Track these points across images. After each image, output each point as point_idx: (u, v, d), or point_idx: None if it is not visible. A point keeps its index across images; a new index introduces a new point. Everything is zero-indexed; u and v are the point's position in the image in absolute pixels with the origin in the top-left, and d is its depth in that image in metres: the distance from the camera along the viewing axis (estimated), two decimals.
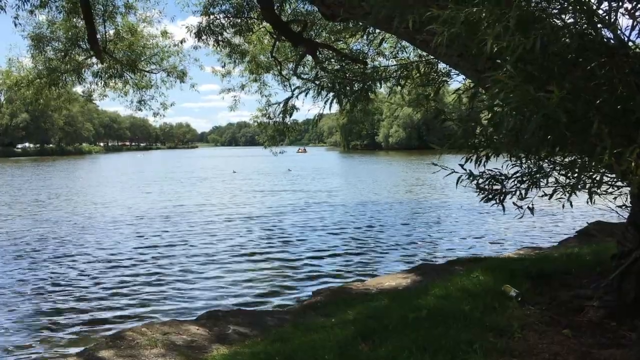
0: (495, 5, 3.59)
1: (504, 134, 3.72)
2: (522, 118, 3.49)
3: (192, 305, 9.67)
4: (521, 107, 3.37)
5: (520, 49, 3.24)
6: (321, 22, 16.43)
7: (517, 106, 3.37)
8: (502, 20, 3.39)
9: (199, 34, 15.38)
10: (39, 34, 17.29)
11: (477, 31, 3.58)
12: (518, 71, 3.46)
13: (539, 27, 3.40)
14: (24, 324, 8.86)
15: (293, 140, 24.47)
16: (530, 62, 3.60)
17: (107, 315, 9.27)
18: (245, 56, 19.45)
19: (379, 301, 6.51)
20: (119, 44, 17.74)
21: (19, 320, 9.03)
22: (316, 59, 16.46)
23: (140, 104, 20.39)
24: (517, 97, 3.23)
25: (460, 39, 3.62)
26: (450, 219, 19.88)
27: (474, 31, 3.57)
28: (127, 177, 50.42)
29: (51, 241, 16.31)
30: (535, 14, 3.69)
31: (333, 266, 12.71)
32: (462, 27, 3.50)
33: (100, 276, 11.99)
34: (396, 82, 5.60)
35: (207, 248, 15.05)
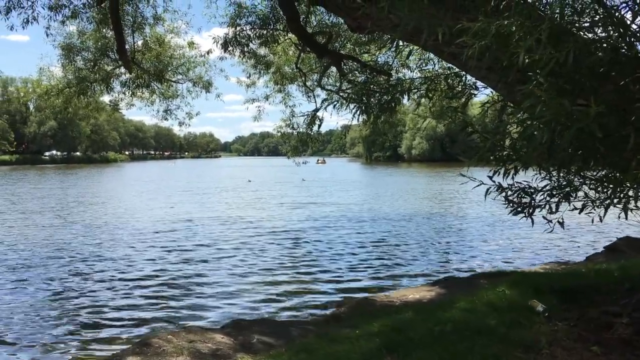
0: (526, 18, 3.59)
1: (535, 148, 3.69)
2: (554, 132, 3.46)
3: (215, 314, 9.70)
4: (553, 121, 3.35)
5: (552, 62, 3.22)
6: (346, 34, 16.51)
7: (549, 120, 3.35)
8: (533, 34, 3.38)
9: (225, 45, 15.54)
10: (69, 44, 17.65)
11: (508, 44, 3.58)
12: (549, 85, 3.44)
13: (571, 40, 3.37)
14: (50, 329, 8.95)
15: (315, 150, 24.56)
16: (561, 76, 3.58)
17: (132, 322, 9.33)
18: (270, 67, 19.61)
19: (404, 314, 6.47)
20: (146, 54, 18.01)
21: (46, 326, 9.12)
22: (341, 70, 16.52)
23: (166, 114, 20.65)
24: (550, 110, 3.21)
25: (491, 51, 3.61)
26: (474, 232, 19.69)
27: (504, 44, 3.56)
28: (154, 185, 50.99)
29: (77, 248, 16.54)
30: (567, 27, 3.67)
31: (356, 278, 12.65)
32: (492, 39, 3.50)
33: (124, 283, 12.09)
34: (424, 94, 5.60)
35: (229, 258, 15.09)
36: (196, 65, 19.81)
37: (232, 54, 16.43)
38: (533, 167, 4.39)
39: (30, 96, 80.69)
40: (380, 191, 41.00)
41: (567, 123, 3.29)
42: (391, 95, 7.92)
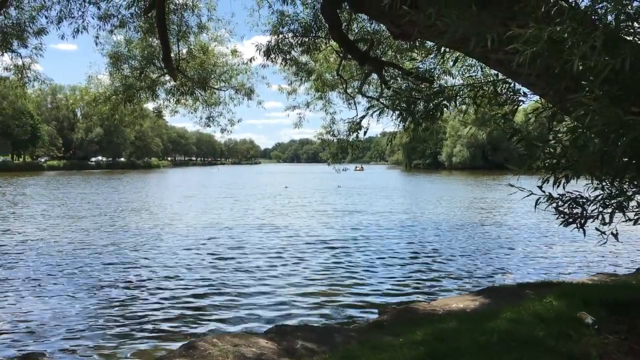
0: (579, 24, 3.52)
1: (587, 156, 3.61)
2: (606, 140, 3.38)
3: (258, 320, 9.78)
4: (606, 130, 3.28)
5: (607, 69, 3.15)
6: (388, 41, 16.48)
7: (602, 129, 3.28)
8: (587, 40, 3.32)
9: (267, 52, 15.69)
10: (116, 52, 18.11)
11: (560, 50, 3.52)
12: (603, 92, 3.37)
13: (627, 46, 3.30)
14: (96, 332, 9.16)
15: (354, 158, 24.54)
16: (615, 83, 3.50)
17: (178, 326, 9.50)
18: (312, 74, 19.71)
19: (447, 323, 6.39)
20: (191, 62, 18.34)
21: (92, 329, 9.34)
22: (382, 77, 16.49)
23: (208, 120, 20.95)
24: (602, 120, 3.14)
25: (542, 58, 3.56)
26: (519, 241, 19.31)
27: (557, 50, 3.51)
28: (196, 190, 51.81)
29: (121, 252, 16.92)
30: (621, 33, 3.59)
31: (397, 285, 12.57)
32: (544, 46, 3.45)
33: (168, 288, 12.32)
34: (472, 101, 5.55)
35: (270, 264, 15.19)
36: (238, 73, 20.05)
37: (274, 62, 16.57)
38: (585, 176, 4.29)
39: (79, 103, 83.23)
40: (420, 199, 40.63)
41: (621, 131, 3.21)
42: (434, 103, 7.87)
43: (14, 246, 17.53)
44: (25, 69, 15.81)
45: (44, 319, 9.82)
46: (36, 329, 9.27)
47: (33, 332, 9.10)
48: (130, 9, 14.53)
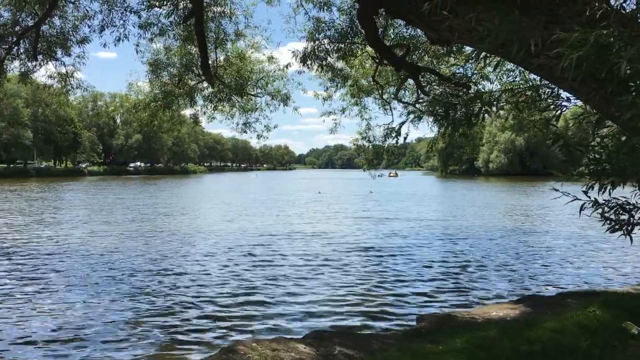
0: (626, 28, 3.45)
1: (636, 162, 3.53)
2: None
3: (296, 325, 9.81)
4: None
5: None
6: (424, 46, 16.38)
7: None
8: (635, 43, 3.24)
9: (304, 59, 15.75)
10: (156, 60, 18.43)
11: (606, 54, 3.45)
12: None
13: None
14: (136, 337, 9.29)
15: (389, 163, 24.42)
16: None
17: (217, 330, 9.60)
18: (347, 80, 19.71)
19: (488, 331, 6.30)
20: (228, 69, 18.54)
21: (131, 333, 9.48)
22: (418, 83, 16.40)
23: (245, 127, 21.08)
24: None
25: (588, 62, 3.49)
26: (560, 249, 18.90)
27: (603, 54, 3.44)
28: (233, 196, 52.39)
29: (159, 257, 17.19)
30: None
31: (434, 293, 12.45)
32: (590, 50, 3.38)
33: (206, 292, 12.45)
34: (514, 106, 5.47)
35: (306, 270, 15.21)
36: (275, 79, 20.18)
37: (310, 68, 16.63)
38: (632, 183, 4.18)
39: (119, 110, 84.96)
40: (457, 205, 40.15)
41: None
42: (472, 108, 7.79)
43: (54, 251, 17.95)
44: (69, 77, 16.18)
45: (83, 324, 9.97)
46: (75, 334, 9.42)
47: (72, 339, 9.24)
48: (170, 18, 14.78)
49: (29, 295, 12.10)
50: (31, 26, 13.62)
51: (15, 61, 15.00)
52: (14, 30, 13.94)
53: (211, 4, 15.79)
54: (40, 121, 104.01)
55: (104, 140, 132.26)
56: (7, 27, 13.87)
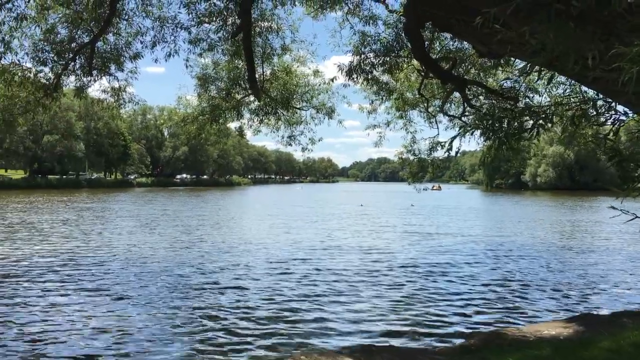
0: None
1: None
2: None
3: (342, 339, 9.77)
4: None
5: None
6: (471, 59, 16.24)
7: None
8: None
9: (350, 72, 15.81)
10: (204, 74, 18.82)
11: None
12: None
13: None
14: (183, 349, 9.39)
15: (433, 177, 24.19)
16: None
17: (263, 343, 9.63)
18: (393, 93, 19.67)
19: (540, 350, 6.14)
20: (274, 83, 18.75)
21: (178, 345, 9.58)
22: (464, 95, 16.24)
23: (290, 139, 21.21)
24: None
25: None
26: (613, 267, 18.28)
27: None
28: (278, 208, 52.80)
29: (204, 269, 17.46)
30: None
31: (482, 309, 12.23)
32: None
33: (253, 304, 12.56)
34: (568, 120, 5.36)
35: (351, 285, 15.16)
36: (320, 93, 20.29)
37: (356, 82, 16.68)
38: None
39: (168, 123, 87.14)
40: (505, 220, 39.34)
41: None
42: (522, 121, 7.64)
43: (102, 261, 18.43)
44: (121, 91, 16.66)
45: (132, 334, 10.12)
46: (124, 344, 9.58)
47: (117, 346, 9.43)
48: (219, 33, 15.10)
49: (78, 303, 12.43)
50: (87, 43, 14.10)
51: (71, 76, 15.54)
52: (71, 46, 14.45)
53: (259, 20, 16.03)
54: (92, 134, 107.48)
55: (152, 152, 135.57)
56: (64, 44, 14.37)
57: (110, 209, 46.07)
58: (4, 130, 76.01)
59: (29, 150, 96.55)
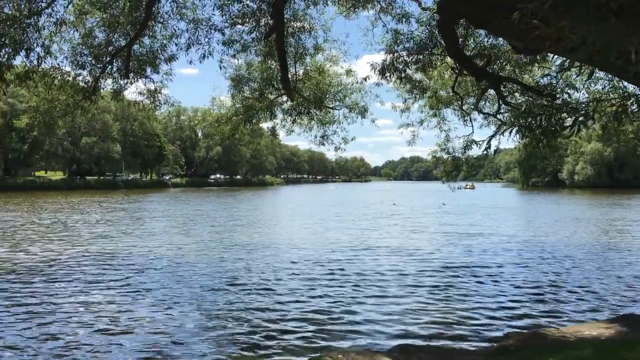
0: None
1: None
2: None
3: (377, 337, 9.77)
4: None
5: None
6: (506, 55, 16.00)
7: None
8: None
9: (383, 71, 15.74)
10: (238, 75, 18.97)
11: None
12: None
13: None
14: (219, 349, 9.46)
15: (467, 175, 23.91)
16: None
17: (297, 340, 9.72)
18: (426, 92, 19.51)
19: (581, 350, 6.02)
20: (307, 82, 18.78)
21: (214, 345, 9.66)
22: (499, 93, 16.01)
23: (323, 139, 21.21)
24: None
25: None
26: None
27: None
28: (313, 208, 52.95)
29: (239, 268, 17.64)
30: None
31: (519, 309, 12.03)
32: None
33: (284, 303, 12.64)
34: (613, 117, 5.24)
35: (387, 284, 15.11)
36: (352, 92, 20.24)
37: (389, 80, 16.60)
38: None
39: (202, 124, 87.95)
40: (542, 219, 38.57)
41: None
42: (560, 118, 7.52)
43: (137, 262, 18.75)
44: (157, 93, 16.89)
45: (165, 333, 10.22)
46: (157, 342, 9.66)
47: (156, 346, 9.52)
48: (252, 34, 15.20)
49: (114, 303, 12.62)
50: (123, 46, 14.34)
51: (108, 79, 15.84)
52: (108, 50, 14.73)
53: (291, 20, 16.09)
54: (129, 135, 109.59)
55: (186, 153, 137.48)
56: (101, 48, 14.65)
57: (146, 209, 46.92)
58: (44, 132, 78.26)
59: (67, 152, 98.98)
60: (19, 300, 12.68)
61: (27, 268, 16.86)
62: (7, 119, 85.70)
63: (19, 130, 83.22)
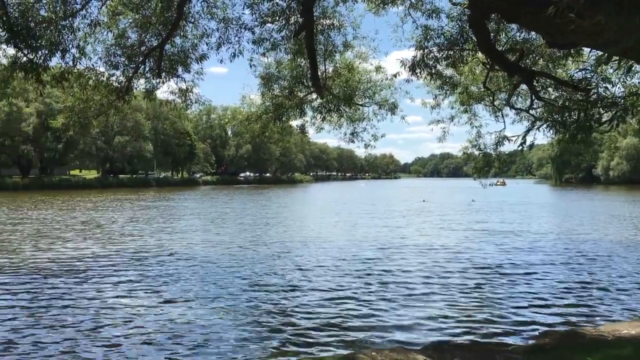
0: None
1: None
2: None
3: (409, 335, 9.75)
4: None
5: None
6: (539, 50, 15.76)
7: None
8: None
9: (413, 67, 15.63)
10: (267, 73, 19.06)
11: None
12: None
13: None
14: (250, 343, 9.55)
15: (499, 172, 23.62)
16: None
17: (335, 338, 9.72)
18: (457, 87, 19.33)
19: (620, 349, 5.91)
20: (336, 80, 18.77)
21: (246, 340, 9.75)
22: (532, 88, 15.77)
23: (352, 136, 21.17)
24: None
25: None
26: None
27: None
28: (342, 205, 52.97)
29: (270, 264, 17.83)
30: None
31: (555, 307, 11.87)
32: None
33: (315, 300, 12.73)
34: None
35: (415, 280, 15.08)
36: (382, 89, 20.15)
37: (419, 77, 16.49)
38: None
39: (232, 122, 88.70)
40: (576, 217, 37.71)
41: None
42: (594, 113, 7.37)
43: (169, 259, 19.07)
44: (188, 92, 17.08)
45: (195, 331, 10.27)
46: (187, 341, 9.72)
47: (186, 345, 9.57)
48: (282, 32, 15.24)
49: (144, 300, 12.80)
50: (155, 46, 14.53)
51: (141, 79, 16.08)
52: (140, 50, 14.94)
53: (320, 17, 16.09)
54: (160, 134, 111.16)
55: (216, 151, 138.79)
56: (134, 48, 14.85)
57: (178, 207, 47.56)
58: (79, 132, 79.85)
59: (101, 151, 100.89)
60: (51, 297, 12.89)
61: (62, 266, 17.22)
62: (43, 118, 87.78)
63: (54, 130, 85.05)
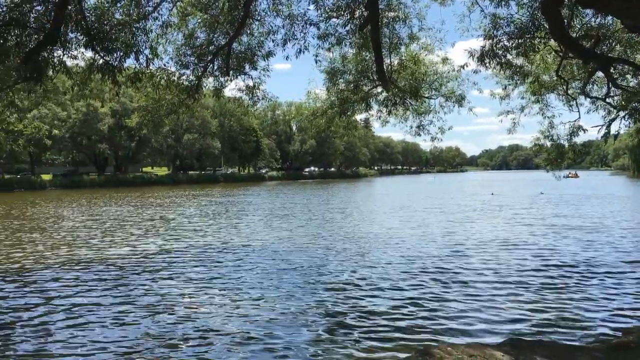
0: None
1: None
2: None
3: (485, 331, 9.61)
4: None
5: None
6: (616, 35, 15.08)
7: None
8: None
9: (481, 57, 15.29)
10: (332, 68, 19.11)
11: None
12: None
13: None
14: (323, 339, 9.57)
15: (571, 163, 22.78)
16: None
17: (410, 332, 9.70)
18: (528, 77, 18.76)
19: None
20: (402, 72, 18.59)
21: (316, 334, 9.81)
22: (609, 75, 15.10)
23: (419, 129, 20.92)
24: None
25: None
26: None
27: None
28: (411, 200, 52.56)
29: (335, 259, 17.83)
30: None
31: (633, 303, 11.33)
32: None
33: (388, 295, 12.65)
34: None
35: (490, 275, 14.76)
36: (449, 80, 19.80)
37: (488, 67, 16.10)
38: None
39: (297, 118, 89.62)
40: None
41: None
42: None
43: (235, 250, 19.49)
44: (255, 89, 17.36)
45: (260, 328, 10.21)
46: (250, 337, 9.70)
47: (250, 341, 9.55)
48: (346, 27, 15.24)
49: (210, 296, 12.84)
50: (223, 45, 14.87)
51: (210, 78, 16.48)
52: (209, 49, 15.33)
53: (385, 10, 15.99)
54: (227, 131, 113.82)
55: (281, 146, 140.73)
56: (203, 47, 15.26)
57: (245, 202, 48.60)
58: (152, 130, 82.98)
59: (171, 149, 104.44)
60: (122, 293, 13.24)
61: (132, 262, 17.75)
62: (118, 118, 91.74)
63: (128, 129, 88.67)
